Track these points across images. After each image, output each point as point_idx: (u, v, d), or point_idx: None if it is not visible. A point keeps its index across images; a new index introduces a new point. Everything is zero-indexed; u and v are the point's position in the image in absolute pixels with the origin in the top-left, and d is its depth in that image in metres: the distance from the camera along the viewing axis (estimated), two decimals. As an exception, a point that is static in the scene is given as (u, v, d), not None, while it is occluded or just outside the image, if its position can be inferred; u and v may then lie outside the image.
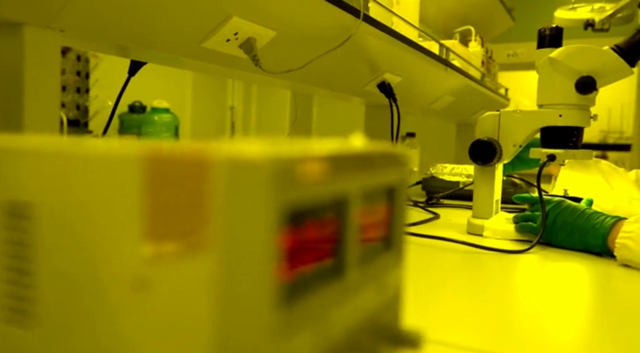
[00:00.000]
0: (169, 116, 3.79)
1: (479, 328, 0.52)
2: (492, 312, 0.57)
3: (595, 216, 0.86)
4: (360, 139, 0.25)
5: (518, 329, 0.52)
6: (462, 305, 0.60)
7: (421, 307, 0.57)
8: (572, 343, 0.49)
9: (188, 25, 0.82)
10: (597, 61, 0.91)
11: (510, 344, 0.48)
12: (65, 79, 3.60)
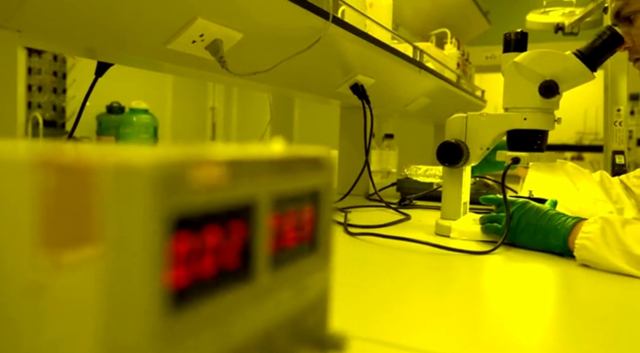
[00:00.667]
0: (148, 117, 3.76)
1: (440, 330, 0.52)
2: (454, 314, 0.57)
3: (557, 217, 0.87)
4: (280, 144, 0.25)
5: (480, 331, 0.53)
6: (424, 306, 0.60)
7: (383, 309, 0.57)
8: (532, 343, 0.50)
9: (152, 26, 0.81)
10: (559, 65, 0.93)
11: (472, 346, 0.48)
12: (42, 79, 3.56)
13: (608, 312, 0.62)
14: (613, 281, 0.74)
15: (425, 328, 0.52)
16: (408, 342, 0.47)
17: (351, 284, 0.68)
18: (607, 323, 0.57)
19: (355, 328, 0.49)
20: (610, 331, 0.55)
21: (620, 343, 0.51)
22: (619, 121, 1.67)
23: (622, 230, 0.76)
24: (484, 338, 0.50)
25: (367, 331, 0.49)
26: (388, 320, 0.54)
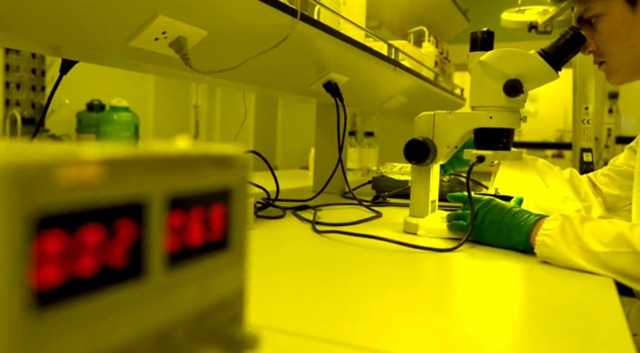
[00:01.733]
0: (129, 114, 3.73)
1: (403, 331, 0.52)
2: (417, 313, 0.57)
3: (520, 214, 0.88)
4: (184, 142, 0.24)
5: (441, 329, 0.53)
6: (387, 306, 0.60)
7: (347, 309, 0.57)
8: (489, 339, 0.50)
9: (112, 23, 0.81)
10: (523, 64, 0.93)
11: (433, 346, 0.48)
12: (20, 76, 3.52)
13: (563, 309, 0.63)
14: (571, 278, 0.74)
15: (387, 328, 0.52)
16: (367, 343, 0.47)
17: (315, 283, 0.68)
18: (561, 320, 0.58)
19: (315, 329, 0.49)
20: (564, 327, 0.55)
21: (575, 339, 0.52)
22: (586, 119, 1.69)
23: (580, 227, 0.77)
24: (445, 336, 0.51)
25: (325, 332, 0.49)
26: (351, 320, 0.54)
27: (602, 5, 0.92)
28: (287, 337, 0.48)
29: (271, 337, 0.47)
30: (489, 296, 0.67)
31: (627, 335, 0.51)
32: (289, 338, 0.48)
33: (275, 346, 0.45)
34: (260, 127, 5.46)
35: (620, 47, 0.92)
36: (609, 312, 0.59)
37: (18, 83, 3.51)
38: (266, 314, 0.53)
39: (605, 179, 1.20)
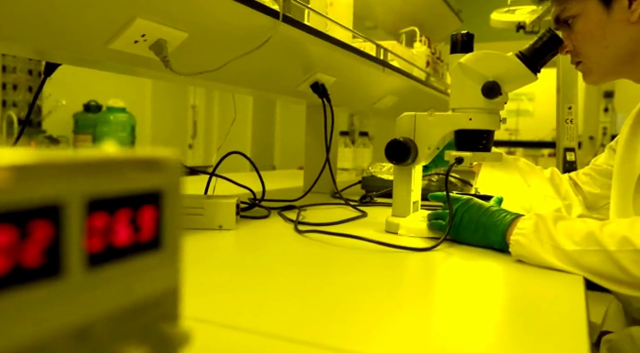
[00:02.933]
0: (125, 115, 3.75)
1: (377, 331, 0.52)
2: (391, 313, 0.58)
3: (497, 213, 0.89)
4: (112, 146, 0.25)
5: (413, 329, 0.53)
6: (363, 306, 0.60)
7: (323, 310, 0.58)
8: (455, 336, 0.51)
9: (91, 27, 0.82)
10: (501, 66, 0.94)
11: (403, 343, 0.49)
12: (16, 77, 3.53)
13: (529, 306, 0.64)
14: (542, 277, 0.75)
15: (360, 329, 0.52)
16: (341, 344, 0.47)
17: (291, 283, 0.69)
18: (524, 317, 0.59)
19: (287, 330, 0.50)
20: (525, 324, 0.56)
21: (532, 335, 0.53)
22: (569, 119, 1.70)
23: (553, 226, 0.78)
24: (414, 335, 0.51)
25: (298, 333, 0.50)
26: (325, 321, 0.54)
27: (578, 6, 0.92)
28: (260, 338, 0.49)
29: (242, 338, 0.48)
30: (460, 295, 0.67)
31: (584, 333, 0.52)
32: (262, 339, 0.48)
33: (246, 347, 0.46)
34: (258, 127, 5.47)
35: (595, 47, 0.93)
36: (572, 311, 0.60)
37: (15, 84, 3.53)
38: (240, 314, 0.54)
39: (586, 178, 1.21)
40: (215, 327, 0.51)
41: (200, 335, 0.48)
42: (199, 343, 0.46)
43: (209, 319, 0.52)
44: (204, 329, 0.50)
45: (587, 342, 0.50)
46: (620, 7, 0.88)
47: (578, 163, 1.96)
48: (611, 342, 0.92)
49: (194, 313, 0.54)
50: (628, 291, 0.71)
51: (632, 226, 0.71)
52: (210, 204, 1.00)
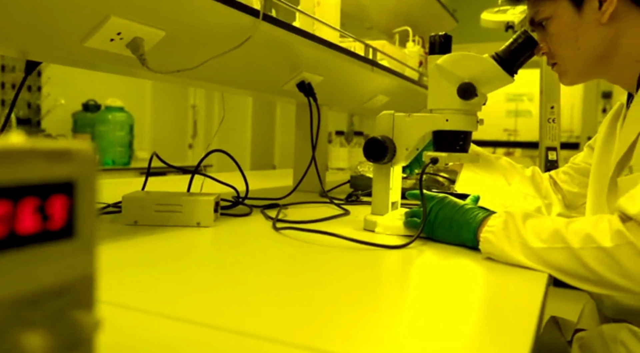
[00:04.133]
0: (123, 114, 3.76)
1: (338, 328, 0.52)
2: (353, 309, 0.58)
3: (470, 211, 0.89)
4: (17, 137, 0.26)
5: (368, 324, 0.54)
6: (325, 303, 0.60)
7: (283, 305, 0.59)
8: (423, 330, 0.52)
9: (66, 25, 0.83)
10: (477, 68, 0.95)
11: (361, 340, 0.49)
12: (15, 77, 3.56)
13: (492, 302, 0.64)
14: (507, 274, 0.76)
15: (317, 325, 0.53)
16: (303, 341, 0.47)
17: (264, 281, 0.69)
18: (478, 314, 0.59)
19: (253, 327, 0.50)
20: (477, 322, 0.57)
21: (483, 332, 0.53)
22: (552, 118, 1.70)
23: (522, 223, 0.79)
24: (371, 331, 0.51)
25: (261, 329, 0.50)
26: (292, 318, 0.54)
27: (550, 8, 0.93)
28: (226, 335, 0.49)
29: (210, 335, 0.49)
30: (425, 292, 0.68)
31: (530, 334, 0.52)
32: (228, 335, 0.49)
33: (210, 344, 0.47)
34: (258, 127, 5.48)
35: (568, 49, 0.94)
36: (527, 306, 0.60)
37: (13, 83, 3.55)
38: (208, 311, 0.55)
39: (565, 176, 1.22)
40: (174, 322, 0.51)
41: (163, 330, 0.49)
42: (159, 339, 0.48)
43: (172, 315, 0.53)
44: (165, 324, 0.51)
45: (532, 334, 0.51)
46: (590, 9, 0.89)
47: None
48: (583, 339, 0.92)
49: (155, 308, 0.55)
50: (592, 289, 0.71)
51: (597, 224, 0.71)
52: (188, 202, 1.00)
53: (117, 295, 0.58)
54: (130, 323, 0.51)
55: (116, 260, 0.75)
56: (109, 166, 3.64)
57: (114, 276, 0.67)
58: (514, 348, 0.49)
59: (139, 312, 0.54)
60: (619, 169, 0.87)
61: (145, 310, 0.54)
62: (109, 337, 0.46)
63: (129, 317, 0.52)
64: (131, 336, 0.48)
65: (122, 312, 0.53)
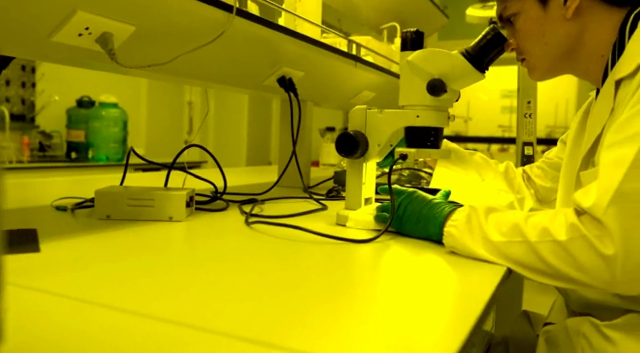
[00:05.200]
0: (117, 110, 3.77)
1: (291, 324, 0.52)
2: (311, 306, 0.58)
3: (438, 205, 0.89)
4: None
5: (319, 320, 0.54)
6: (283, 298, 0.61)
7: (242, 301, 0.59)
8: (374, 321, 0.52)
9: (31, 19, 0.83)
10: (446, 64, 0.95)
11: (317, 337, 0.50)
12: (9, 73, 3.56)
13: (442, 295, 0.65)
14: (468, 267, 0.76)
15: (269, 321, 0.53)
16: (259, 336, 0.48)
17: (228, 275, 0.69)
18: (435, 305, 0.60)
19: (207, 322, 0.51)
20: (435, 312, 0.57)
21: (422, 325, 0.54)
22: (528, 114, 1.70)
23: (484, 217, 0.79)
24: (334, 326, 0.52)
25: (222, 325, 0.50)
26: (247, 313, 0.55)
27: (517, 5, 0.93)
28: (188, 331, 0.50)
29: (170, 331, 0.49)
30: (380, 286, 0.69)
31: (470, 323, 0.53)
32: (190, 332, 0.49)
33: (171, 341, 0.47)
34: (254, 123, 5.48)
35: (535, 44, 0.94)
36: (473, 301, 0.60)
37: (7, 80, 3.55)
38: (168, 307, 0.55)
39: (538, 171, 1.22)
40: (132, 317, 0.52)
41: (120, 324, 0.50)
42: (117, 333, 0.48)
43: (131, 309, 0.53)
44: (125, 319, 0.52)
45: (472, 322, 0.52)
46: (556, 4, 0.89)
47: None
48: (549, 332, 0.93)
49: (115, 302, 0.55)
50: (549, 282, 0.72)
51: (554, 218, 0.72)
52: (160, 196, 1.01)
53: (79, 290, 0.58)
54: (91, 318, 0.51)
55: (82, 254, 0.76)
56: (102, 162, 3.65)
57: (78, 270, 0.68)
58: (453, 334, 0.50)
59: (100, 306, 0.54)
60: (585, 164, 0.88)
61: (105, 305, 0.55)
62: (71, 331, 0.47)
63: (91, 312, 0.53)
64: (88, 330, 0.48)
65: (83, 307, 0.54)
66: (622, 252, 0.64)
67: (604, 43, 0.89)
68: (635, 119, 0.70)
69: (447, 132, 5.24)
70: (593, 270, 0.67)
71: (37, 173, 3.18)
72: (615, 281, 0.66)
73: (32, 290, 0.58)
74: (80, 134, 3.73)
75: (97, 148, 3.69)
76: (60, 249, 0.77)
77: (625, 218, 0.65)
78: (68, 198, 1.18)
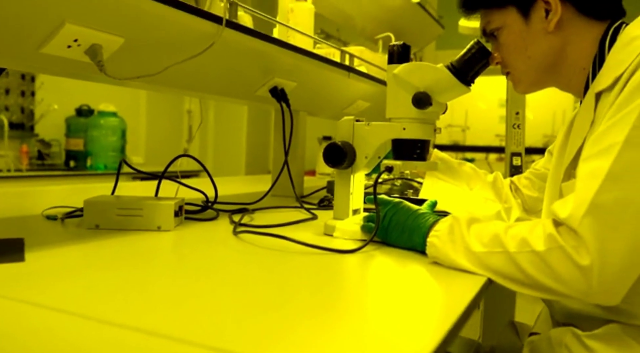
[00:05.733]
0: (116, 119, 3.79)
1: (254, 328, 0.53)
2: (289, 312, 0.59)
3: (422, 216, 0.90)
4: None
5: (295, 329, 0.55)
6: (260, 305, 0.62)
7: (219, 307, 0.60)
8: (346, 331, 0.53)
9: (20, 31, 0.84)
10: (431, 77, 0.96)
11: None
12: (9, 82, 3.58)
13: (422, 306, 0.65)
14: (452, 278, 0.77)
15: (261, 332, 0.53)
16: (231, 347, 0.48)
17: (210, 284, 0.70)
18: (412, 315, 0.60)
19: (183, 332, 0.51)
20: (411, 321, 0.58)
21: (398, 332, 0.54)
22: (517, 124, 1.71)
23: (466, 228, 0.80)
24: (310, 336, 0.52)
25: (197, 336, 0.51)
26: (227, 323, 0.55)
27: (500, 19, 0.94)
28: (165, 342, 0.50)
29: (147, 341, 0.49)
30: (362, 296, 0.69)
31: (443, 331, 0.53)
32: (167, 343, 0.50)
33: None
34: (253, 132, 5.49)
35: (519, 58, 0.95)
36: (449, 310, 0.61)
37: (7, 88, 3.58)
38: (148, 318, 0.56)
39: (526, 181, 1.23)
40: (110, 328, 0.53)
41: (101, 336, 0.50)
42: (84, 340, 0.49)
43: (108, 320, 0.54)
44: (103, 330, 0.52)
45: (445, 331, 0.53)
46: (538, 18, 0.90)
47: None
48: (533, 343, 0.93)
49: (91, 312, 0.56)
50: (528, 293, 0.72)
51: (533, 228, 0.72)
52: (148, 206, 1.02)
53: (61, 300, 0.59)
54: (70, 328, 0.52)
55: (66, 264, 0.77)
56: (100, 170, 3.67)
57: (61, 280, 0.68)
58: (426, 341, 0.51)
59: (80, 317, 0.55)
60: (567, 175, 0.89)
61: (84, 315, 0.55)
62: (53, 343, 0.48)
63: (70, 323, 0.53)
64: (66, 340, 0.49)
65: (63, 318, 0.54)
66: (598, 263, 0.65)
67: (585, 56, 0.90)
68: (611, 132, 0.71)
69: (446, 141, 5.25)
70: (570, 280, 0.67)
71: (36, 181, 3.20)
72: (592, 292, 0.66)
73: (12, 300, 0.59)
74: (79, 142, 3.75)
75: (95, 157, 3.70)
76: (45, 259, 0.78)
77: (600, 229, 0.66)
78: (59, 208, 1.19)
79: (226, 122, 5.37)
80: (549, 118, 4.53)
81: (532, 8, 0.91)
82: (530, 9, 0.91)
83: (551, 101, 4.24)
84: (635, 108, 0.70)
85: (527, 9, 0.91)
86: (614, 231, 0.66)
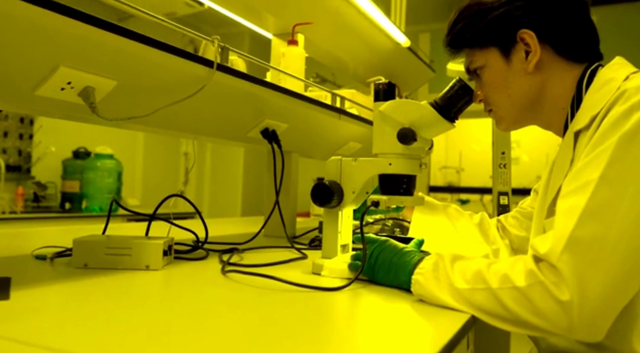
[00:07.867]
0: (112, 161, 3.82)
1: None
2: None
3: (408, 254, 0.91)
4: None
5: None
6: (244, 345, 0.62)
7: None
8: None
9: (15, 74, 0.87)
10: (415, 114, 0.99)
11: None
12: (7, 125, 3.63)
13: (405, 343, 0.65)
14: (436, 316, 0.77)
15: None
16: None
17: (193, 325, 0.70)
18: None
19: None
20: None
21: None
22: (503, 164, 1.74)
23: (450, 265, 0.81)
24: None
25: None
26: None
27: (483, 58, 0.97)
28: None
29: None
30: (344, 335, 0.69)
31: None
32: None
33: None
34: (249, 174, 5.52)
35: (501, 96, 0.98)
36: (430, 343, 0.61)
37: (6, 131, 3.62)
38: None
39: (513, 221, 1.24)
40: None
41: None
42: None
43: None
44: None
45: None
46: (518, 59, 0.93)
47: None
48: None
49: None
50: (511, 329, 0.72)
51: (514, 264, 0.73)
52: (137, 245, 1.02)
53: (44, 338, 0.59)
54: None
55: (52, 302, 0.77)
56: (95, 212, 3.67)
57: (46, 319, 0.68)
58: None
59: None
60: (550, 212, 0.90)
61: (64, 351, 0.55)
62: None
63: None
64: None
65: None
66: (578, 298, 0.66)
67: (564, 97, 0.92)
68: (587, 169, 0.73)
69: (441, 182, 5.28)
70: (551, 315, 0.68)
71: (30, 223, 3.19)
72: (574, 327, 0.67)
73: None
74: (75, 184, 3.76)
75: (90, 199, 3.71)
76: (30, 297, 0.78)
77: (578, 264, 0.67)
78: (49, 247, 1.19)
79: (223, 165, 5.41)
80: (542, 158, 4.58)
81: (512, 49, 0.94)
82: (511, 49, 0.94)
83: (545, 142, 4.29)
84: (609, 146, 0.73)
85: (508, 49, 0.94)
86: (592, 267, 0.67)
